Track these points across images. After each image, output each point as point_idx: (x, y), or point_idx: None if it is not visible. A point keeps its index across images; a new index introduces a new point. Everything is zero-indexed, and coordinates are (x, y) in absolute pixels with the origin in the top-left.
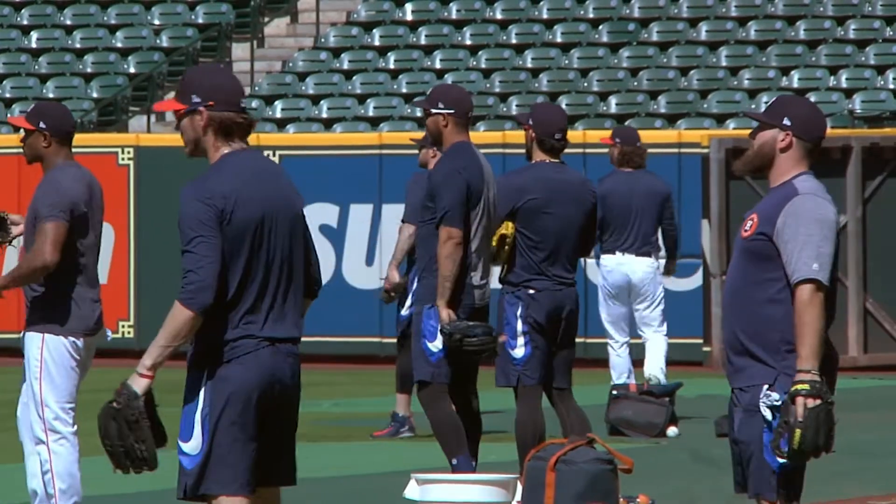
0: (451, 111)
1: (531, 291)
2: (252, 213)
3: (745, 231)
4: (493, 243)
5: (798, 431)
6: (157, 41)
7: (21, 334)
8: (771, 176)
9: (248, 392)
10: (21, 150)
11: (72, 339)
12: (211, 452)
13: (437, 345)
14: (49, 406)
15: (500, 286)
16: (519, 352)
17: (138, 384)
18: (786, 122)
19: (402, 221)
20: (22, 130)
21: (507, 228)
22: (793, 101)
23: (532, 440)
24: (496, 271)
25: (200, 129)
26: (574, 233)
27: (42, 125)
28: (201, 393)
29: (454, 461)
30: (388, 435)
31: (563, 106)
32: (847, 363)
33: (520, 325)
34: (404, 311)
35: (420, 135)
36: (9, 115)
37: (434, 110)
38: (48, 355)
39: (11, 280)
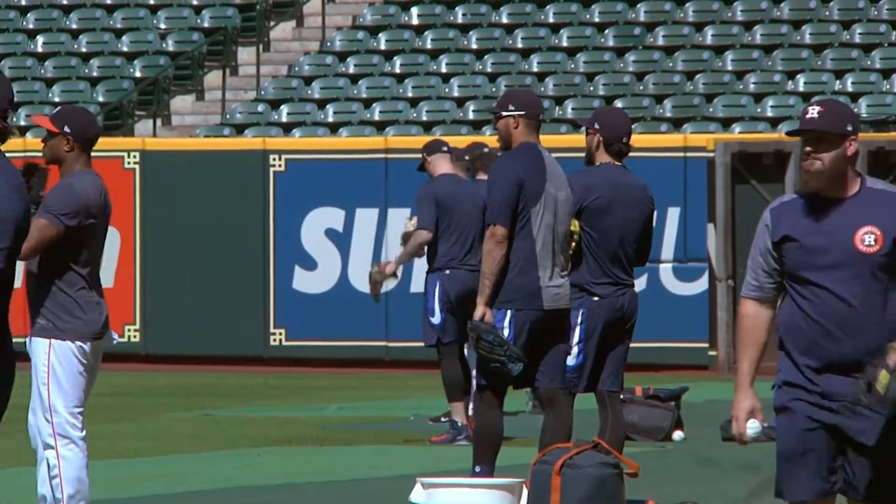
0: (522, 113)
1: (595, 298)
2: None
3: (870, 246)
4: None
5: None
6: (163, 45)
7: (27, 339)
8: (836, 186)
9: None
10: (32, 153)
11: (78, 343)
12: None
13: None
14: (58, 411)
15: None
16: (572, 360)
17: None
18: (849, 128)
19: (420, 227)
20: (45, 131)
21: (575, 226)
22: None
23: None
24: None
25: None
26: (633, 237)
27: (66, 129)
28: None
29: (477, 468)
30: (446, 442)
31: (569, 110)
32: None
33: (577, 334)
34: (435, 320)
35: (426, 138)
36: (32, 115)
37: (505, 113)
38: (55, 360)
39: None
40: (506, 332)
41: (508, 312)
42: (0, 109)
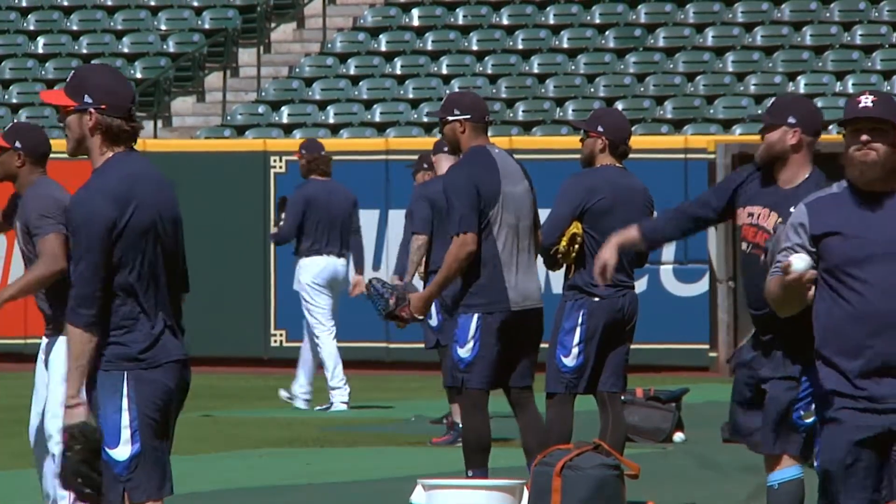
0: (468, 116)
1: (595, 299)
2: (148, 215)
3: None
4: (563, 243)
5: None
6: (164, 47)
7: (45, 340)
8: (889, 178)
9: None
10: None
11: None
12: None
13: (465, 351)
14: None
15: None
16: (571, 361)
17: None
18: None
19: (413, 233)
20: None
21: (577, 228)
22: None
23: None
24: (543, 275)
25: (88, 129)
26: None
27: (17, 145)
28: None
29: (470, 472)
30: (447, 443)
31: (570, 111)
32: None
33: (577, 335)
34: (433, 322)
35: (427, 140)
36: None
37: (450, 118)
38: None
39: (19, 290)
40: (471, 335)
41: (475, 316)
42: (125, 109)
